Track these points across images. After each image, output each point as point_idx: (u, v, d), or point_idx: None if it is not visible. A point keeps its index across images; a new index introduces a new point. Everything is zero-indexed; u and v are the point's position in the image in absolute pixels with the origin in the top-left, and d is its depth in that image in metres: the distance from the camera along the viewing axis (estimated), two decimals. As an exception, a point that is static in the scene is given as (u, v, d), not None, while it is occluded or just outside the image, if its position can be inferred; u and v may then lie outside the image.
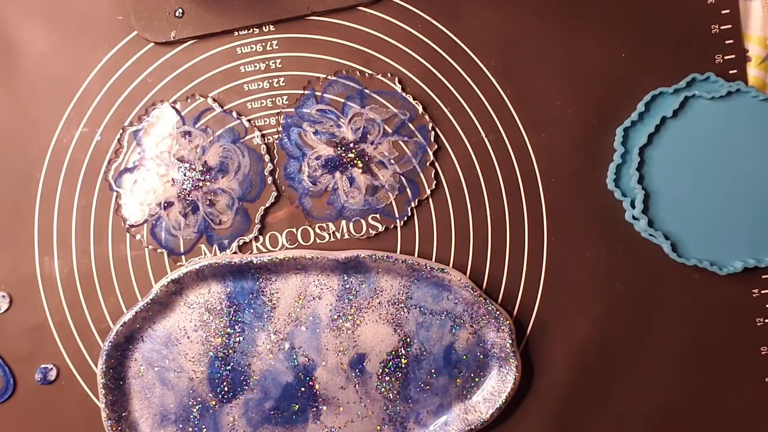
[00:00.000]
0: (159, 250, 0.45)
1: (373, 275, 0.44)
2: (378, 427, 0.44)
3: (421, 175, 0.45)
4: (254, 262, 0.43)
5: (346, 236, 0.45)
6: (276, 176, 0.45)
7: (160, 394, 0.44)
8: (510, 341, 0.43)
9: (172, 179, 0.44)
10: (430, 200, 0.45)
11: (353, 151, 0.44)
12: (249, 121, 0.45)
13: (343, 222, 0.45)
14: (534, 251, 0.45)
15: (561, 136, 0.44)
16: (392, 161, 0.44)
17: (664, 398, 0.45)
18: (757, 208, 0.42)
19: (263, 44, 0.45)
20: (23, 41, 0.45)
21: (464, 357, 0.44)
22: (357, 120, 0.44)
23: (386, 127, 0.44)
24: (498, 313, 0.43)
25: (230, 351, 0.44)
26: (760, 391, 0.45)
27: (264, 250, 0.45)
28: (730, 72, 0.44)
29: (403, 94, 0.44)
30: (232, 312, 0.44)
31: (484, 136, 0.45)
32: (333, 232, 0.45)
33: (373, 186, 0.44)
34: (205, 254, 0.45)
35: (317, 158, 0.44)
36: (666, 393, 0.45)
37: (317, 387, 0.44)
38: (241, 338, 0.44)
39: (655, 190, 0.42)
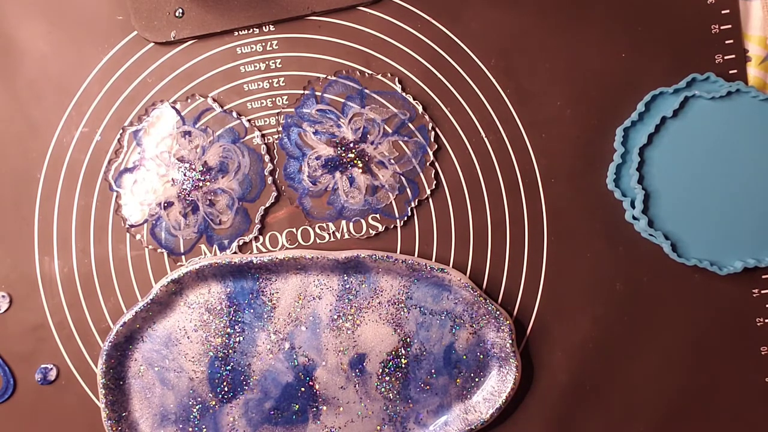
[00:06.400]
0: (159, 250, 0.45)
1: (373, 275, 0.44)
2: (378, 427, 0.44)
3: (421, 175, 0.45)
4: (254, 262, 0.43)
5: (346, 236, 0.45)
6: (276, 176, 0.45)
7: (160, 394, 0.44)
8: (510, 341, 0.43)
9: (172, 179, 0.44)
10: (430, 200, 0.45)
11: (353, 151, 0.44)
12: (249, 121, 0.45)
13: (343, 222, 0.45)
14: (534, 251, 0.45)
15: (561, 136, 0.44)
16: (392, 161, 0.44)
17: (664, 398, 0.45)
18: (757, 208, 0.42)
19: (263, 44, 0.45)
20: (23, 41, 0.45)
21: (464, 357, 0.44)
22: (357, 120, 0.44)
23: (386, 127, 0.44)
24: (498, 313, 0.43)
25: (230, 351, 0.44)
26: (760, 391, 0.45)
27: (264, 250, 0.45)
28: (730, 72, 0.44)
29: (403, 94, 0.44)
30: (232, 312, 0.44)
31: (484, 136, 0.45)
32: (333, 232, 0.45)
33: (373, 186, 0.44)
34: (205, 254, 0.45)
35: (317, 158, 0.44)
36: (666, 393, 0.45)
37: (317, 387, 0.44)
38: (241, 338, 0.44)
39: (655, 190, 0.42)
